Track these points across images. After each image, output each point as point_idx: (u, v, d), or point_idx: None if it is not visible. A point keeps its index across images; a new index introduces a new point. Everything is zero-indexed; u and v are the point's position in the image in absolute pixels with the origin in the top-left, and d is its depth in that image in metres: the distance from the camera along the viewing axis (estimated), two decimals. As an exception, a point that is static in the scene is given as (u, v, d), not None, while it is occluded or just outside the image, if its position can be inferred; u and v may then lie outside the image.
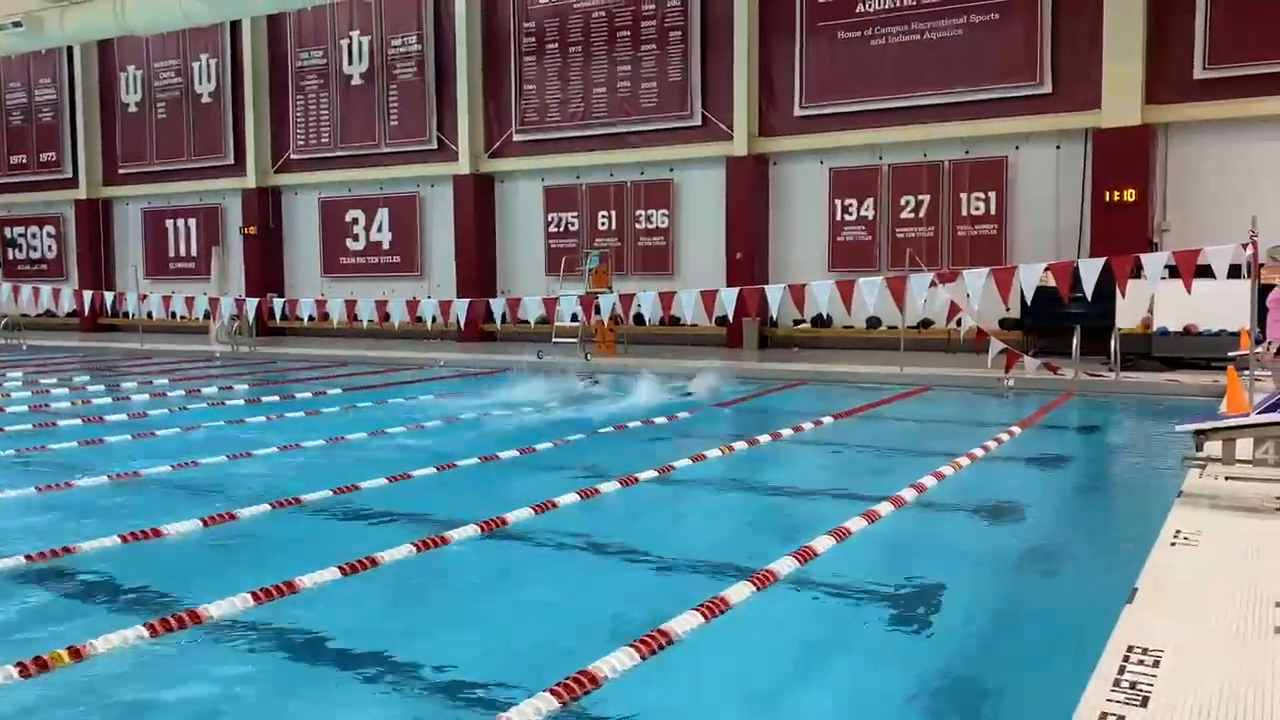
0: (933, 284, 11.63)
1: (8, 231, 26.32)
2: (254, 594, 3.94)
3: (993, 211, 15.58)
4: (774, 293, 12.39)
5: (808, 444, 8.28)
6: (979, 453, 7.34)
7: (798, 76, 16.71)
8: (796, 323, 16.93)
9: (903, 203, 16.20)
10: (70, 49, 23.60)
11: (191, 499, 6.14)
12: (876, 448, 8.26)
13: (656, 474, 6.59)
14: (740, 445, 7.79)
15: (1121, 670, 2.83)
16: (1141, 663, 2.89)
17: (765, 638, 3.82)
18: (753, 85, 16.98)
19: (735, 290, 12.63)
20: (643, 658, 3.32)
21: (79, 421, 9.35)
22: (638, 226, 18.34)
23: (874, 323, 16.17)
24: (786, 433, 8.48)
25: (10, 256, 26.28)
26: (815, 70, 16.56)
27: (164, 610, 3.89)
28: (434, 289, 19.66)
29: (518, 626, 3.99)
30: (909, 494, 5.90)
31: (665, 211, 18.09)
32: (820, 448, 8.22)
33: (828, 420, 9.23)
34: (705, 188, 17.70)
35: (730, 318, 13.85)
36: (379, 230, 20.99)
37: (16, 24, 19.58)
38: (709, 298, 12.66)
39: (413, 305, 15.22)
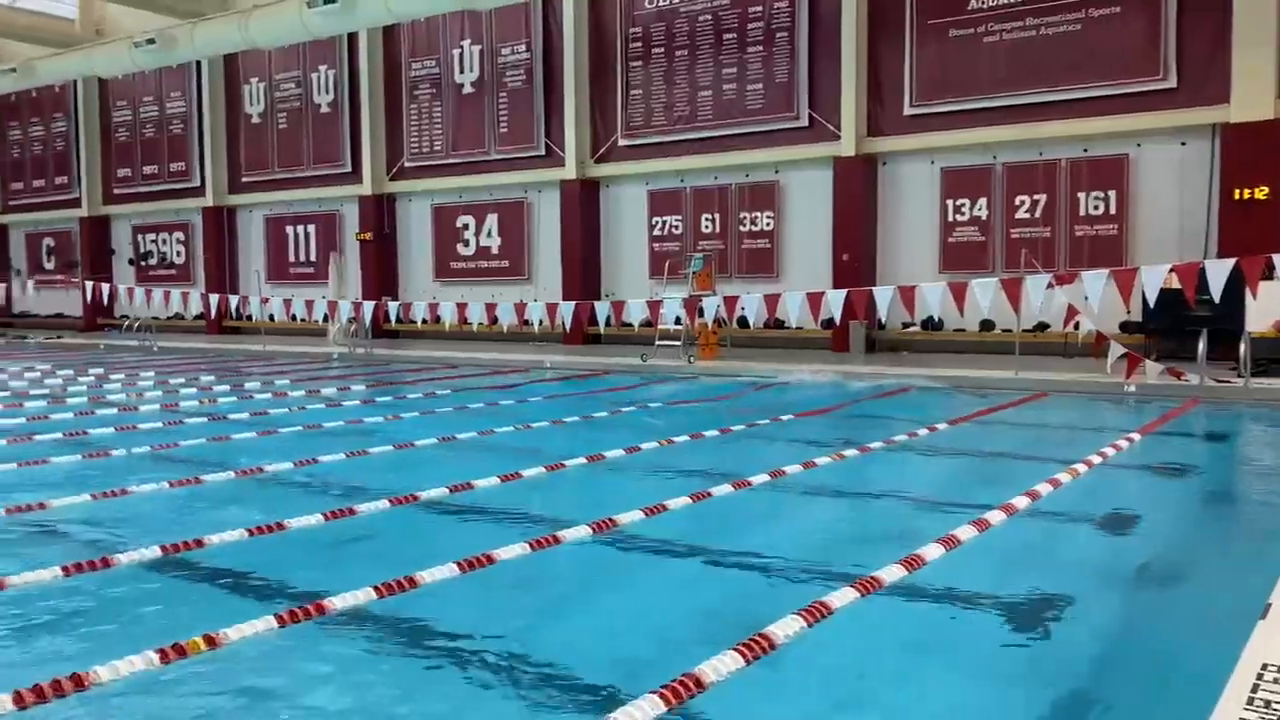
0: (1050, 286, 11.32)
1: (141, 238, 27.71)
2: (376, 588, 4.07)
3: (1112, 211, 15.05)
4: (882, 295, 12.21)
5: (918, 450, 8.14)
6: (1096, 460, 7.11)
7: (908, 75, 16.43)
8: (905, 325, 16.65)
9: (1017, 202, 15.78)
10: (198, 63, 24.73)
11: (312, 494, 6.39)
12: (990, 454, 8.08)
13: (768, 478, 6.57)
14: (851, 451, 7.70)
15: (1255, 689, 2.71)
16: (1277, 681, 2.76)
17: (870, 645, 3.77)
18: (861, 85, 16.76)
19: (842, 292, 12.50)
20: (746, 662, 3.32)
21: (206, 419, 9.81)
22: (742, 229, 18.29)
23: (987, 326, 15.79)
24: (899, 438, 8.35)
25: (143, 261, 27.65)
26: (926, 68, 16.27)
27: (290, 601, 4.06)
28: (540, 292, 19.95)
29: (626, 627, 4.03)
30: (1022, 502, 5.75)
31: (770, 214, 17.99)
32: (931, 454, 8.07)
33: (941, 426, 9.05)
34: (811, 189, 17.55)
35: (837, 320, 13.72)
36: (488, 235, 21.42)
37: (150, 41, 20.64)
38: (815, 300, 12.56)
39: (520, 308, 15.50)
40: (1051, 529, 5.56)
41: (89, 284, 22.95)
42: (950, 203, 16.34)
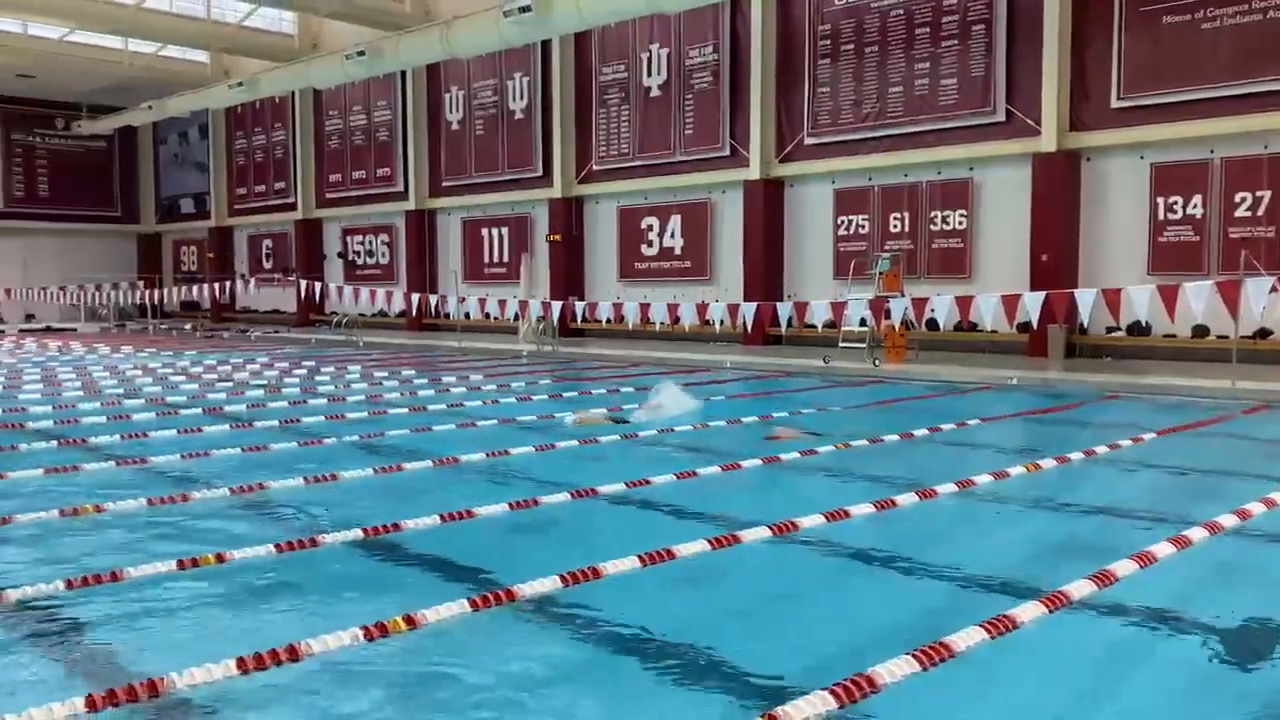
0: (1273, 290, 10.45)
1: (348, 240, 29.50)
2: (562, 576, 4.20)
3: (1351, 207, 13.73)
4: (1084, 297, 11.59)
5: (1120, 462, 7.68)
6: (1327, 479, 6.51)
7: (1115, 66, 15.51)
8: (1109, 330, 15.72)
9: (1237, 200, 14.62)
10: (403, 73, 26.10)
11: (501, 484, 6.64)
12: (1198, 469, 7.52)
13: (956, 487, 6.36)
14: (1046, 461, 7.36)
15: None
16: None
17: (1055, 660, 3.62)
18: (1064, 77, 15.94)
19: (1041, 294, 11.94)
20: (923, 668, 3.25)
21: (407, 411, 10.35)
22: (932, 228, 17.74)
23: (1200, 331, 14.72)
24: (1100, 449, 7.91)
25: (352, 262, 29.44)
26: (1136, 58, 15.31)
27: (481, 586, 4.25)
28: (722, 293, 19.98)
29: (801, 627, 4.02)
30: (1230, 520, 5.35)
31: (963, 212, 17.37)
32: (1134, 467, 7.60)
33: (1146, 437, 8.51)
34: (1007, 186, 16.83)
35: (1034, 324, 13.12)
36: (671, 236, 21.63)
37: (360, 53, 21.95)
38: (1011, 302, 12.05)
39: (702, 308, 15.58)
40: (1261, 551, 5.15)
41: (303, 283, 24.64)
42: (1161, 200, 15.30)
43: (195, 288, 27.66)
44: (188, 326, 29.42)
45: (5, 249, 33.77)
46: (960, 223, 17.41)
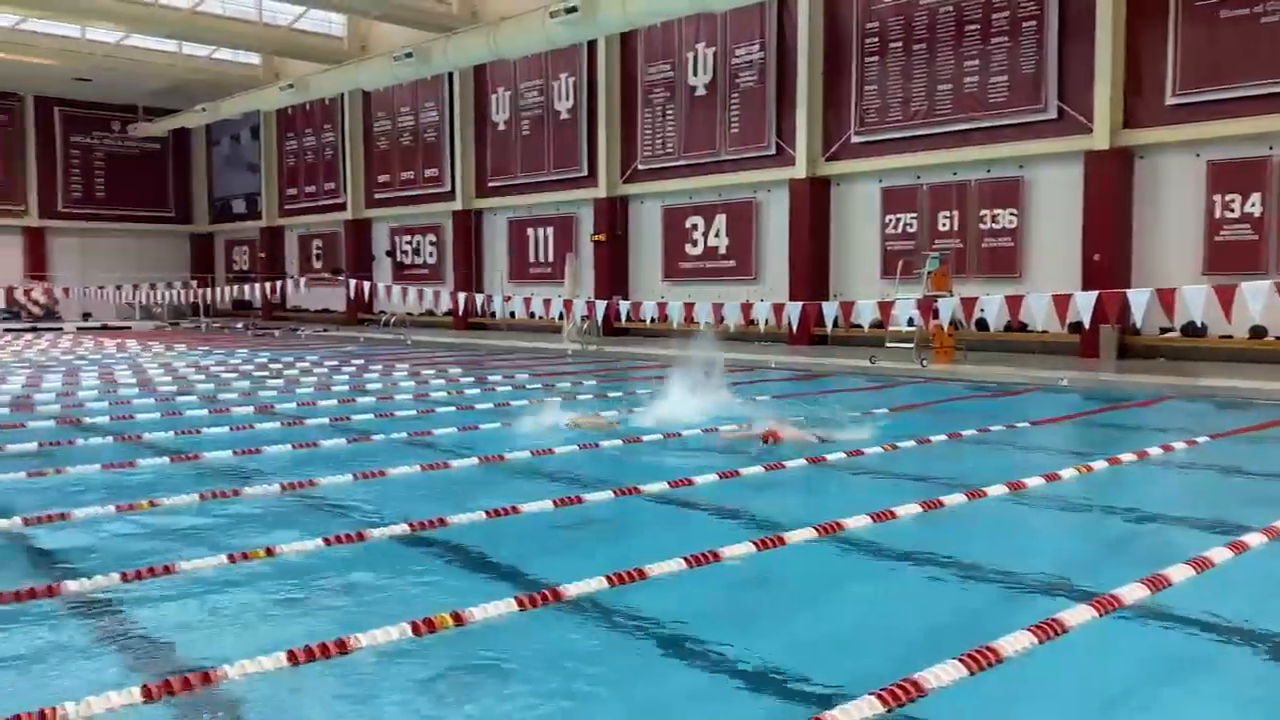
0: (1336, 289, 10.18)
1: (398, 240, 29.82)
2: (607, 577, 4.21)
3: None
4: (1137, 297, 11.37)
5: (1174, 465, 7.54)
6: (1393, 485, 6.33)
7: (1171, 62, 15.22)
8: (1163, 330, 15.42)
9: (1298, 197, 14.29)
10: (450, 75, 26.32)
11: (545, 481, 6.67)
12: (1256, 474, 7.35)
13: (1005, 488, 6.28)
14: (1098, 463, 7.24)
15: None
16: None
17: (1106, 667, 3.56)
18: (1117, 74, 15.67)
19: (1093, 294, 11.74)
20: (970, 673, 3.21)
21: (454, 409, 10.43)
22: (981, 227, 17.53)
23: (1259, 332, 14.39)
24: (1153, 451, 7.77)
25: (400, 262, 29.75)
26: (1192, 54, 15.00)
27: (526, 583, 4.27)
28: (767, 292, 19.89)
29: (847, 630, 3.99)
30: (1293, 526, 5.22)
31: (1013, 211, 17.14)
32: (1187, 469, 7.45)
33: (1201, 440, 8.33)
34: (1059, 184, 16.58)
35: (1085, 324, 12.91)
36: (716, 235, 21.59)
37: (408, 55, 22.17)
38: (1062, 302, 11.86)
39: (746, 308, 15.52)
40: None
41: (352, 282, 24.94)
42: (1218, 198, 14.98)
43: (247, 287, 28.11)
44: (239, 325, 29.92)
45: (64, 249, 34.62)
46: (1010, 221, 17.18)
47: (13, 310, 30.77)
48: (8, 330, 27.79)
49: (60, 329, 29.09)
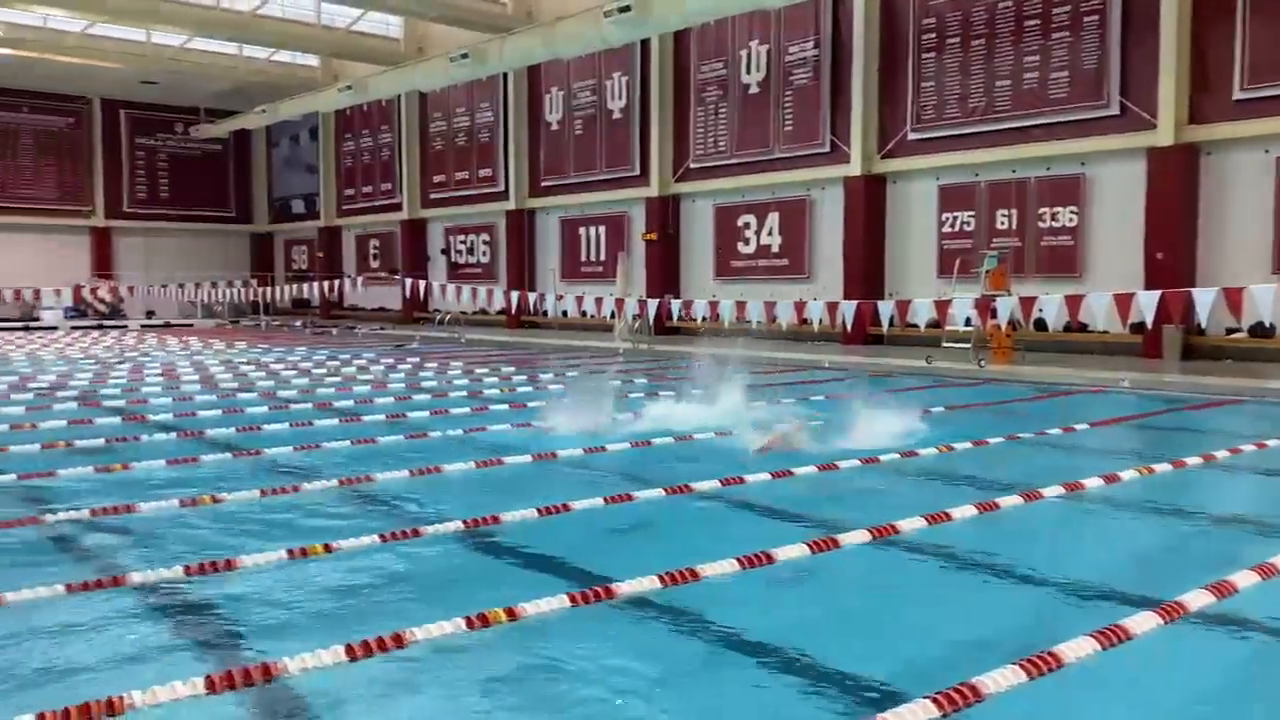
0: None
1: (452, 239, 30.10)
2: (660, 576, 4.21)
3: None
4: (1203, 297, 11.12)
5: (1241, 468, 7.35)
6: None
7: (1238, 55, 14.83)
8: (1230, 331, 15.03)
9: (1373, 194, 13.84)
10: (505, 75, 26.50)
11: (596, 479, 6.69)
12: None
13: (1064, 490, 6.17)
14: (1162, 465, 7.08)
15: None
16: None
17: (1169, 675, 3.49)
18: (1182, 68, 15.30)
19: (1156, 293, 11.50)
20: (1030, 678, 3.16)
21: (507, 407, 10.51)
22: (1041, 225, 17.23)
23: (1330, 333, 13.97)
24: (1219, 454, 7.58)
25: (455, 262, 30.03)
26: (1260, 47, 14.60)
27: (577, 580, 4.29)
28: (820, 291, 19.75)
29: (902, 632, 3.95)
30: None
31: (1073, 208, 16.82)
32: (1256, 473, 7.26)
33: (1271, 443, 8.11)
34: (1121, 182, 16.24)
35: (1148, 324, 12.65)
36: (769, 234, 21.49)
37: (464, 56, 22.36)
38: (1124, 302, 11.64)
39: (800, 307, 15.43)
40: None
41: (407, 281, 25.24)
42: (1288, 194, 14.58)
43: (305, 286, 28.59)
44: (298, 323, 30.43)
45: (128, 248, 35.48)
46: (1070, 219, 16.87)
47: (80, 308, 31.63)
48: (75, 328, 28.56)
49: (125, 326, 29.82)
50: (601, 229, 25.32)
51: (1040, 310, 12.71)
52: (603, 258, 25.19)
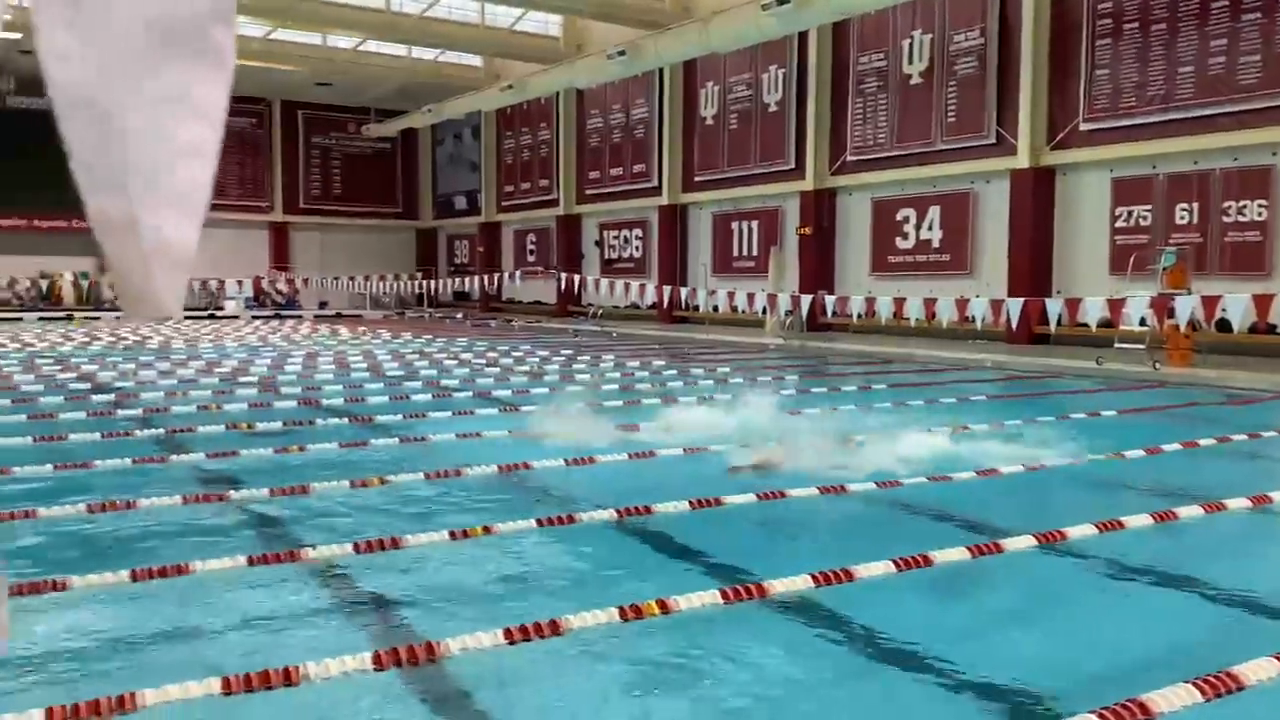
0: None
1: (605, 234, 30.52)
2: (813, 576, 4.16)
3: None
4: None
5: None
6: None
7: None
8: None
9: None
10: (661, 71, 26.66)
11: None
12: None
13: (1249, 502, 5.78)
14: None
15: None
16: None
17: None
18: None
19: (1357, 294, 10.62)
20: (1205, 698, 2.97)
21: (658, 401, 10.59)
22: (1225, 220, 16.14)
23: None
24: None
25: (607, 256, 30.46)
26: None
27: (728, 576, 4.29)
28: (983, 288, 19.07)
29: (1068, 643, 3.79)
30: None
31: (1262, 202, 15.68)
32: None
33: None
34: (1319, 173, 15.05)
35: (1347, 327, 11.70)
36: (929, 228, 20.89)
37: (621, 53, 22.62)
38: (1319, 302, 10.80)
39: (961, 304, 14.96)
40: None
41: (562, 276, 25.76)
42: None
43: (466, 279, 29.54)
44: (459, 315, 31.50)
45: (304, 242, 37.50)
46: (1259, 214, 15.73)
47: (259, 299, 33.65)
48: (255, 317, 30.39)
49: (300, 316, 31.55)
50: (754, 223, 25.17)
51: (1224, 310, 11.94)
52: (755, 253, 25.04)
